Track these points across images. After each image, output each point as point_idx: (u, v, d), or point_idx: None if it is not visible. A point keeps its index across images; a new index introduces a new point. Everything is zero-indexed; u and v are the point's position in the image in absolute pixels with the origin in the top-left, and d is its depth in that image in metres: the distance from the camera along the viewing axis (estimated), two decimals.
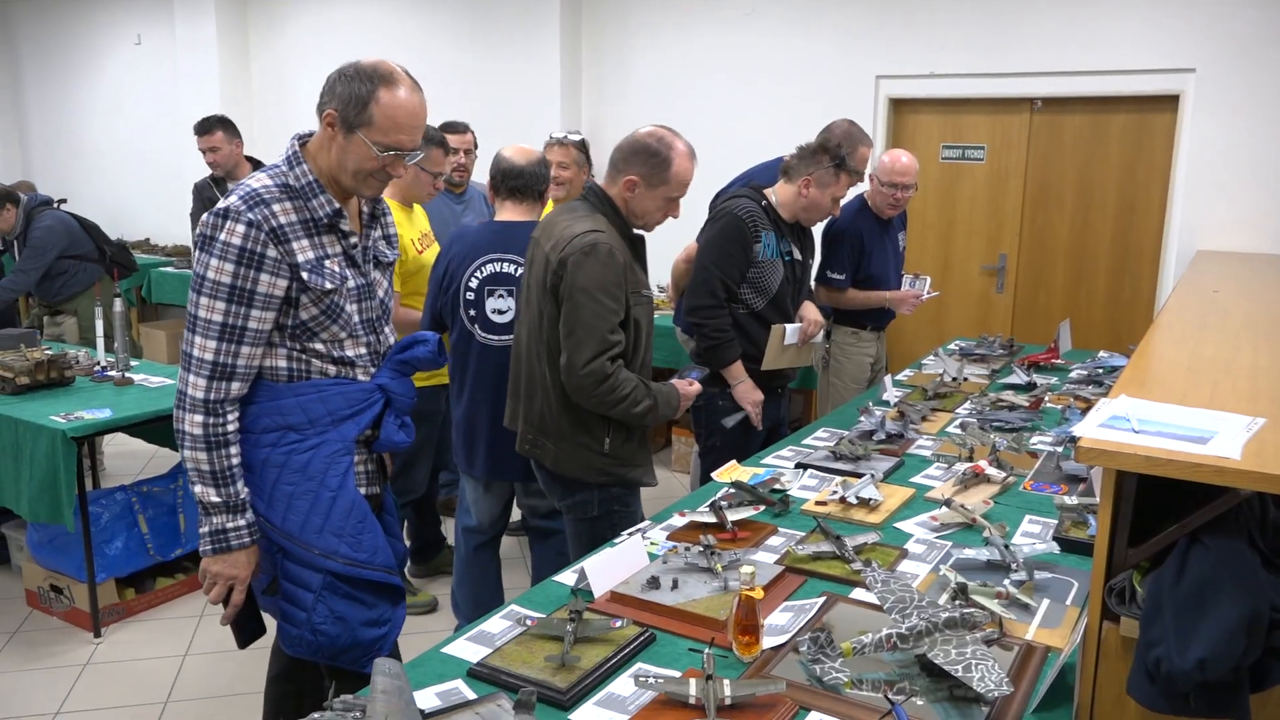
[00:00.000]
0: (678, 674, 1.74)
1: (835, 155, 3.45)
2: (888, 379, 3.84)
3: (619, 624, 1.90)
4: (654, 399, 2.65)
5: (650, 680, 1.67)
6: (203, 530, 2.06)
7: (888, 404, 3.58)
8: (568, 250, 2.57)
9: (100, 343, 4.38)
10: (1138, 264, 5.47)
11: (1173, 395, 1.81)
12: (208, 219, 1.98)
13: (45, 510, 3.49)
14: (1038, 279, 5.76)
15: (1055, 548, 2.25)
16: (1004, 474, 2.77)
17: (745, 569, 1.82)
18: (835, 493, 2.62)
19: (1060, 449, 3.05)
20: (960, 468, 2.84)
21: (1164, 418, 1.65)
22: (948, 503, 2.54)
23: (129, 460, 5.63)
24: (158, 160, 8.72)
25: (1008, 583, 2.05)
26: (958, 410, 3.56)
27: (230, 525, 2.05)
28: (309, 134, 2.12)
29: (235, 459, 2.04)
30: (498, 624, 1.98)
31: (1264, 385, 1.92)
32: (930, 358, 4.47)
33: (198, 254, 1.99)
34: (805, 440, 3.24)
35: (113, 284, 5.57)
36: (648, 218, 2.72)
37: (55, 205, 5.63)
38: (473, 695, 1.70)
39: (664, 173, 2.63)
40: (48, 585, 3.88)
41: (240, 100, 8.09)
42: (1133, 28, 5.12)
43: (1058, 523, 2.43)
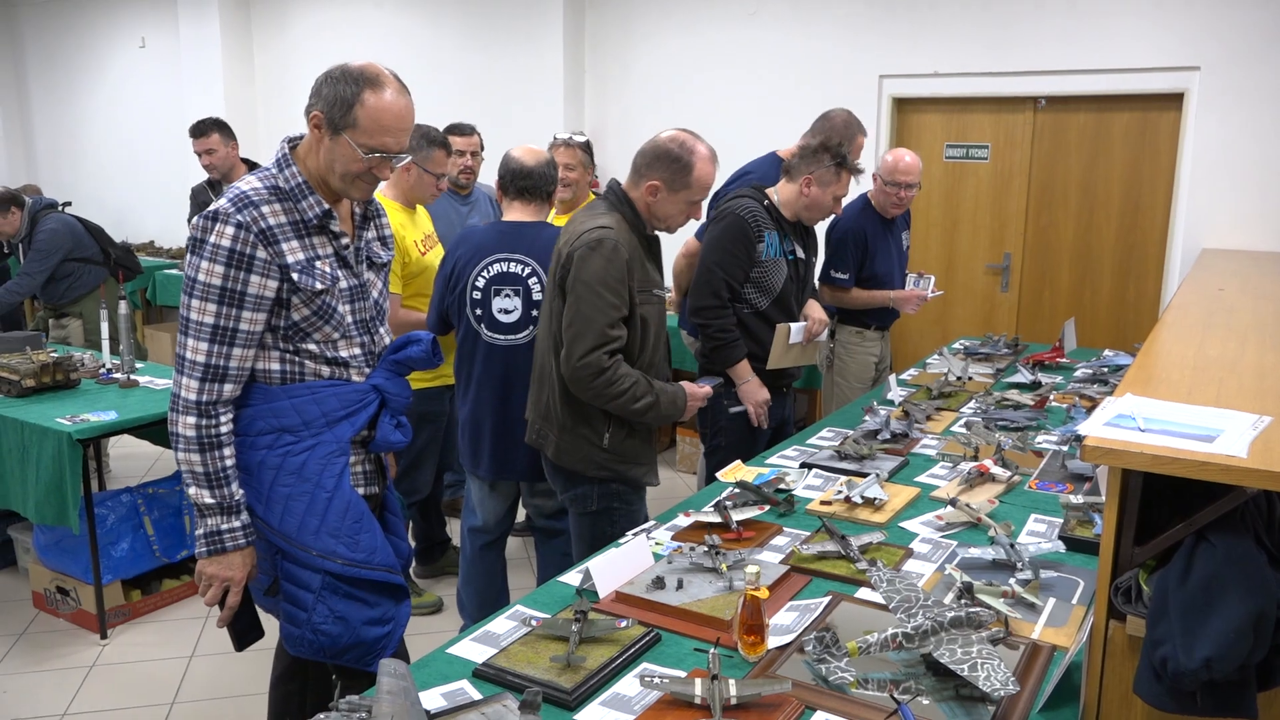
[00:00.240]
0: (683, 674, 1.74)
1: (837, 154, 3.45)
2: (892, 378, 3.83)
3: (624, 624, 1.90)
4: (656, 397, 2.67)
5: (655, 680, 1.67)
6: (198, 532, 2.08)
7: (892, 403, 3.57)
8: (575, 245, 2.65)
9: (105, 345, 4.39)
10: (1143, 262, 5.46)
11: (1178, 393, 1.80)
12: (198, 222, 2.00)
13: (51, 512, 3.50)
14: (1042, 278, 5.75)
15: (1061, 547, 2.25)
16: (1009, 473, 2.77)
17: (750, 569, 1.82)
18: (840, 492, 2.62)
19: (1065, 448, 3.05)
20: (965, 467, 2.84)
21: (1170, 416, 1.64)
22: (953, 502, 2.54)
23: (134, 462, 5.64)
24: (162, 163, 8.74)
25: (1013, 582, 2.05)
26: (962, 409, 3.55)
27: (225, 527, 2.06)
28: (300, 136, 2.13)
29: (229, 461, 2.04)
30: (503, 624, 1.98)
31: (1270, 383, 1.92)
32: (935, 357, 4.46)
33: (189, 257, 2.02)
34: (810, 440, 3.24)
35: (117, 286, 5.57)
36: (670, 220, 2.79)
37: (60, 208, 5.65)
38: (478, 695, 1.70)
39: (686, 177, 2.70)
40: (54, 587, 3.89)
41: (244, 103, 8.12)
42: (1137, 26, 5.12)
43: (1063, 521, 2.43)
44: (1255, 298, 3.24)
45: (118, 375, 4.16)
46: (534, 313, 3.09)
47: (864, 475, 2.76)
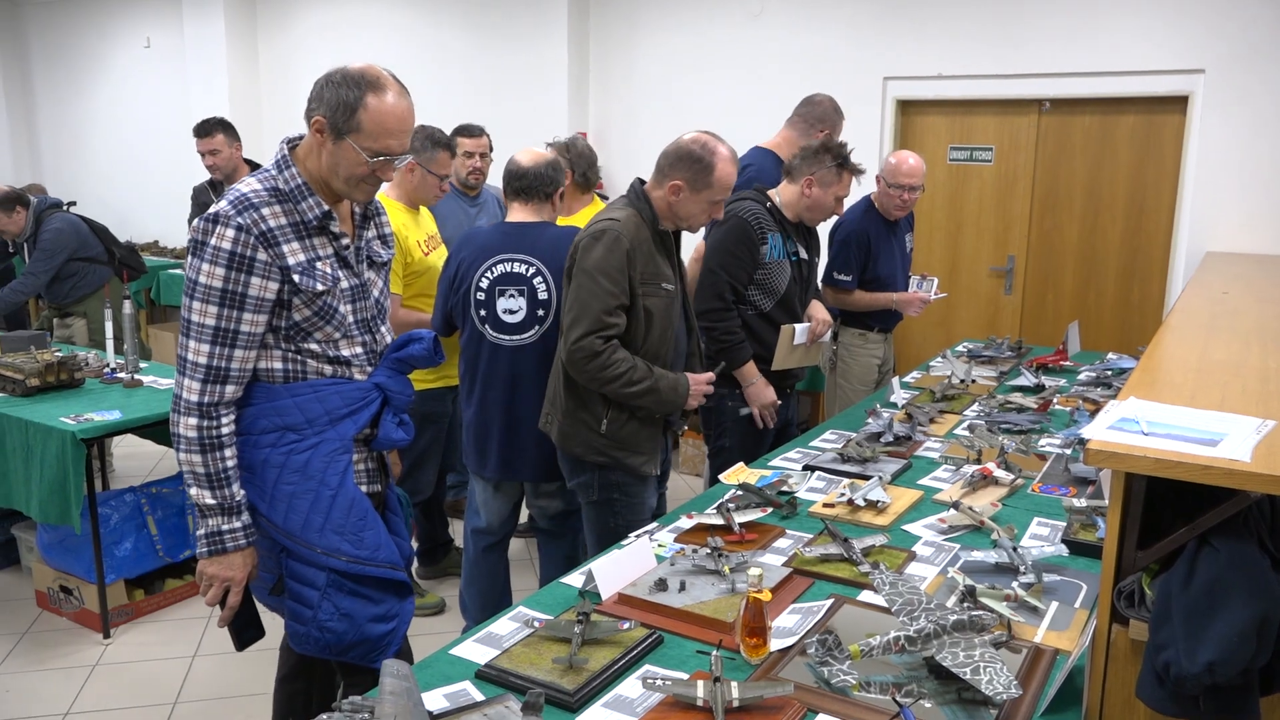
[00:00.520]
0: (685, 676, 1.74)
1: (838, 154, 3.45)
2: (895, 381, 3.83)
3: (627, 626, 1.90)
4: (655, 382, 2.74)
5: (658, 682, 1.67)
6: (199, 532, 2.08)
7: (895, 406, 3.57)
8: (581, 236, 2.79)
9: (109, 345, 4.40)
10: (1147, 265, 5.46)
11: (1182, 397, 1.80)
12: (198, 224, 2.00)
13: (55, 511, 3.51)
14: (1046, 280, 5.75)
15: (1064, 550, 2.24)
16: (1012, 476, 2.76)
17: (753, 571, 1.82)
18: (843, 495, 2.62)
19: (1069, 451, 3.05)
20: (968, 470, 2.84)
21: (1174, 420, 1.64)
22: (956, 505, 2.54)
23: (138, 461, 5.65)
24: (166, 163, 8.75)
25: (1016, 585, 2.05)
26: (966, 412, 3.55)
27: (226, 527, 2.06)
28: (299, 137, 2.13)
29: (230, 461, 2.05)
30: (506, 625, 1.98)
31: (1274, 387, 1.92)
32: (938, 359, 4.46)
33: (189, 259, 2.02)
34: (813, 442, 3.24)
35: (122, 286, 5.58)
36: (692, 220, 2.86)
37: (65, 208, 5.66)
38: (481, 697, 1.70)
39: (708, 177, 2.77)
40: (57, 586, 3.89)
41: (249, 102, 8.13)
42: (1141, 28, 5.11)
43: (1066, 525, 2.42)
44: (1260, 301, 3.24)
45: (122, 375, 4.17)
46: (539, 312, 3.09)
47: (867, 478, 2.76)
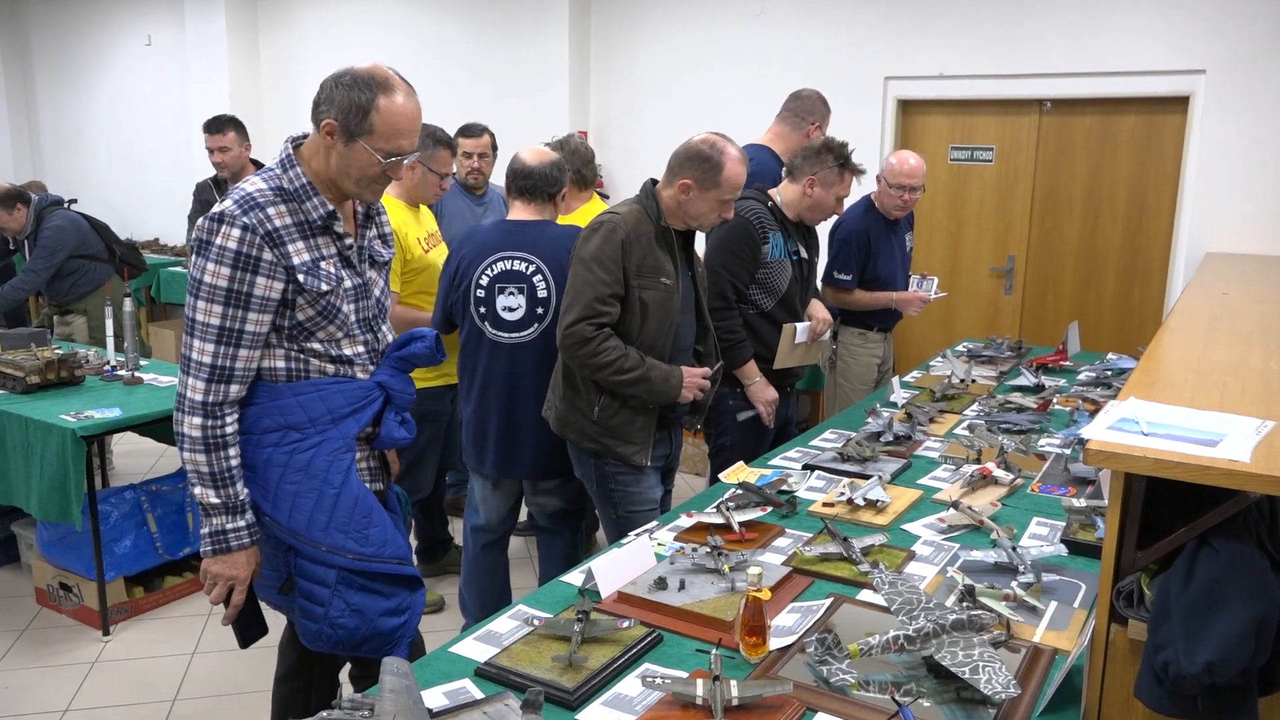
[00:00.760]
0: (685, 675, 1.74)
1: (840, 155, 3.46)
2: (895, 380, 3.83)
3: (626, 624, 1.90)
4: (646, 371, 2.77)
5: (657, 681, 1.67)
6: (203, 531, 2.08)
7: (895, 405, 3.57)
8: (584, 230, 2.86)
9: (110, 342, 4.40)
10: (1147, 266, 5.46)
11: (1182, 398, 1.80)
12: (203, 223, 2.00)
13: (55, 509, 3.51)
14: (1046, 281, 5.75)
15: (1063, 550, 2.25)
16: (1012, 476, 2.76)
17: (752, 570, 1.82)
18: (843, 494, 2.62)
19: (1068, 451, 3.05)
20: (968, 469, 2.84)
21: (1173, 420, 1.64)
22: (955, 504, 2.54)
23: (138, 459, 5.65)
24: (167, 160, 8.75)
25: (1015, 585, 2.05)
26: (965, 412, 3.55)
27: (230, 526, 2.06)
28: (303, 136, 2.13)
29: (234, 460, 2.05)
30: (505, 624, 1.98)
31: (1274, 388, 1.92)
32: (938, 359, 4.46)
33: (194, 258, 2.01)
34: (813, 441, 3.24)
35: (122, 284, 5.59)
36: (702, 218, 2.91)
37: (66, 205, 5.66)
38: (480, 695, 1.70)
39: (716, 176, 2.82)
40: (57, 583, 3.89)
41: (250, 100, 8.12)
42: (1143, 29, 5.11)
43: (1065, 525, 2.42)
44: (1260, 302, 3.24)
45: (122, 372, 4.17)
46: (538, 310, 3.09)
47: (866, 477, 2.76)
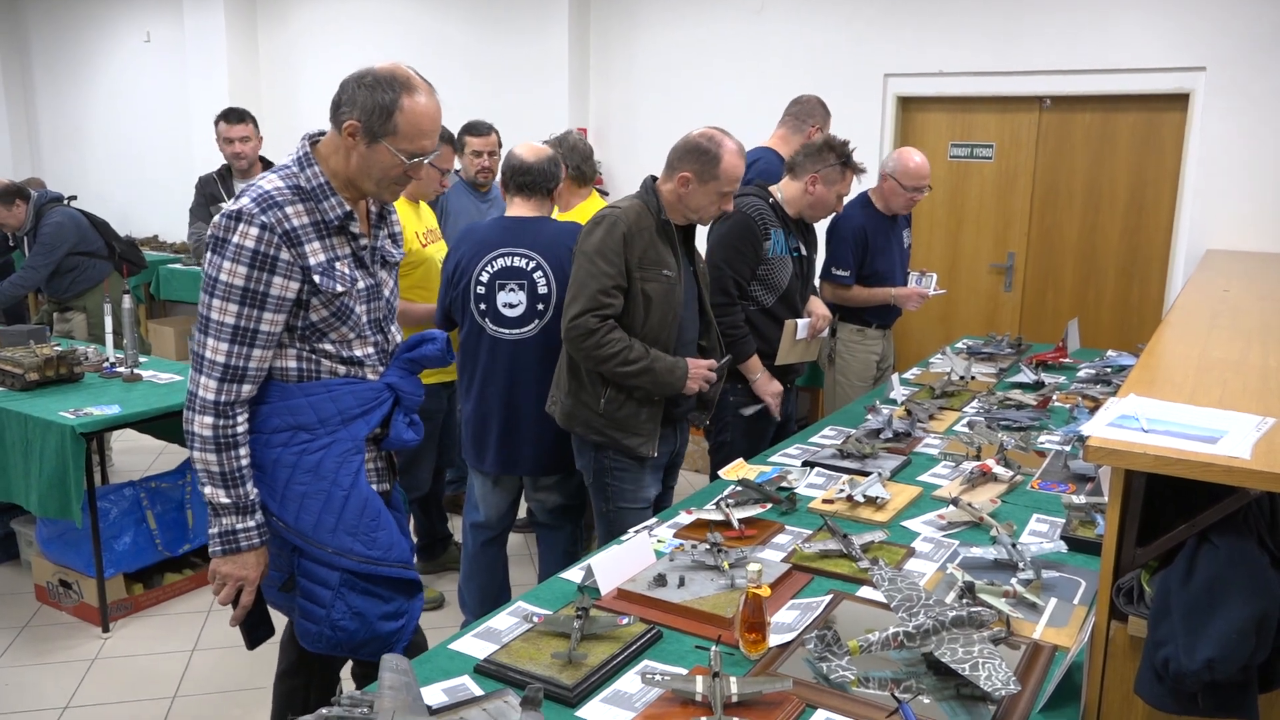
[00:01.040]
0: (684, 671, 1.74)
1: (841, 153, 3.46)
2: (895, 377, 3.83)
3: (626, 621, 1.90)
4: (650, 363, 2.78)
5: (657, 677, 1.67)
6: (212, 531, 2.06)
7: (895, 402, 3.57)
8: (585, 225, 2.88)
9: (109, 339, 4.40)
10: (1147, 263, 5.45)
11: (1182, 394, 1.80)
12: (220, 221, 1.97)
13: (54, 506, 3.51)
14: (1046, 277, 5.74)
15: (1063, 547, 2.25)
16: (1011, 473, 2.76)
17: (752, 567, 1.82)
18: (842, 491, 2.62)
19: (1068, 448, 3.05)
20: (968, 466, 2.84)
21: (1173, 417, 1.64)
22: (955, 501, 2.54)
23: (137, 456, 5.65)
24: (166, 157, 8.74)
25: (1015, 581, 2.05)
26: (965, 409, 3.55)
27: (240, 526, 2.05)
28: (319, 134, 2.10)
29: (245, 460, 2.03)
30: (505, 620, 1.98)
31: (1274, 384, 1.91)
32: (938, 356, 4.46)
33: (209, 255, 1.98)
34: (812, 438, 3.24)
35: (122, 281, 5.58)
36: (702, 212, 2.91)
37: (65, 202, 5.65)
38: (479, 691, 1.70)
39: (714, 169, 2.82)
40: (57, 580, 3.89)
41: (249, 96, 8.09)
42: (1143, 26, 5.10)
43: (1065, 522, 2.42)
44: (1260, 298, 3.23)
45: (121, 369, 4.17)
46: (539, 306, 3.09)
47: (866, 474, 2.76)
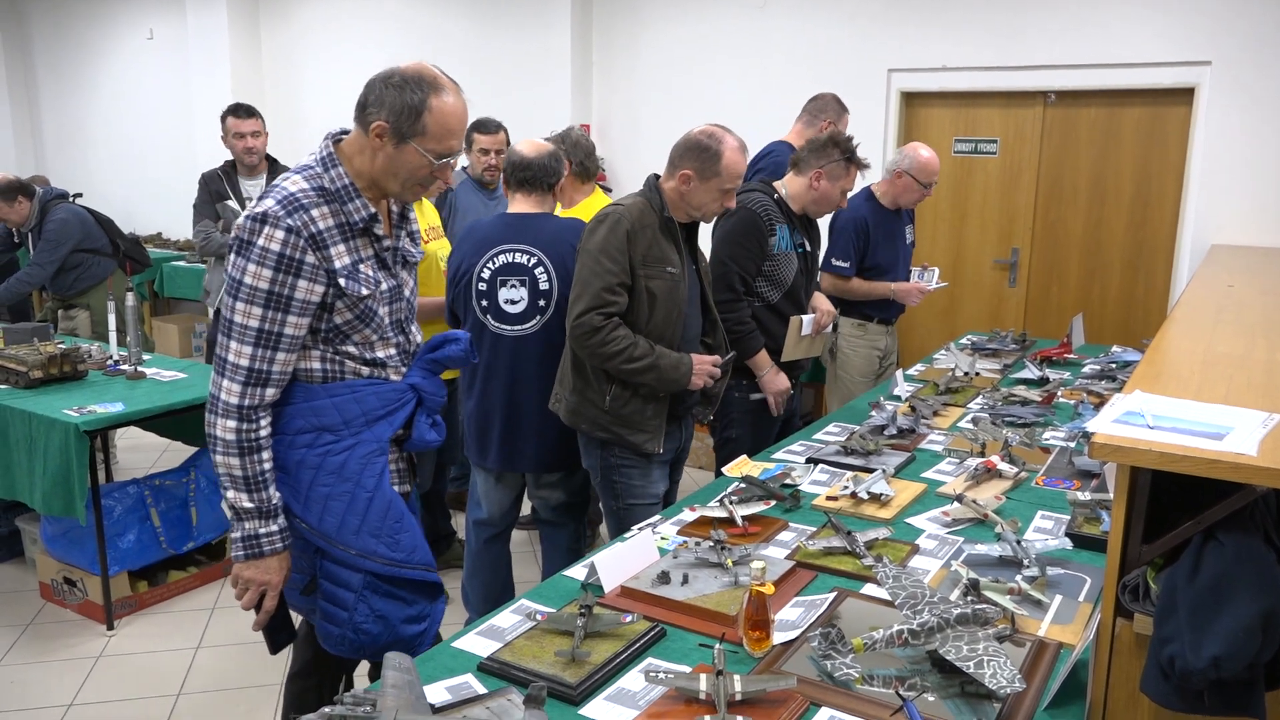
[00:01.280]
0: (688, 669, 1.74)
1: (845, 149, 3.45)
2: (899, 373, 3.83)
3: (629, 619, 1.90)
4: (656, 359, 2.78)
5: (660, 675, 1.67)
6: (234, 536, 2.04)
7: (899, 398, 3.57)
8: (588, 223, 2.89)
9: (113, 337, 4.40)
10: (1151, 258, 5.44)
11: (1188, 390, 1.79)
12: (245, 223, 1.94)
13: (58, 503, 3.52)
14: (1050, 273, 5.73)
15: (1068, 544, 2.24)
16: (1016, 469, 2.76)
17: (756, 564, 1.81)
18: (846, 488, 2.62)
19: (1073, 444, 3.04)
20: (972, 463, 2.83)
21: (1179, 413, 1.63)
22: (959, 498, 2.53)
23: (141, 454, 5.66)
24: (169, 155, 8.75)
25: (1020, 579, 2.04)
26: (969, 405, 3.54)
27: (263, 531, 2.03)
28: (342, 133, 2.08)
29: (268, 464, 2.02)
30: (508, 618, 1.98)
31: None
32: (942, 352, 4.45)
33: (233, 258, 1.96)
34: (816, 435, 3.23)
35: (126, 278, 5.59)
36: (704, 209, 2.90)
37: (70, 199, 5.66)
38: (483, 690, 1.70)
39: (715, 165, 2.81)
40: (61, 578, 3.90)
41: (252, 94, 8.09)
42: (1148, 20, 5.08)
43: (1070, 518, 2.42)
44: (1265, 294, 3.22)
45: (125, 367, 4.17)
46: (541, 303, 3.09)
47: (870, 471, 2.75)
